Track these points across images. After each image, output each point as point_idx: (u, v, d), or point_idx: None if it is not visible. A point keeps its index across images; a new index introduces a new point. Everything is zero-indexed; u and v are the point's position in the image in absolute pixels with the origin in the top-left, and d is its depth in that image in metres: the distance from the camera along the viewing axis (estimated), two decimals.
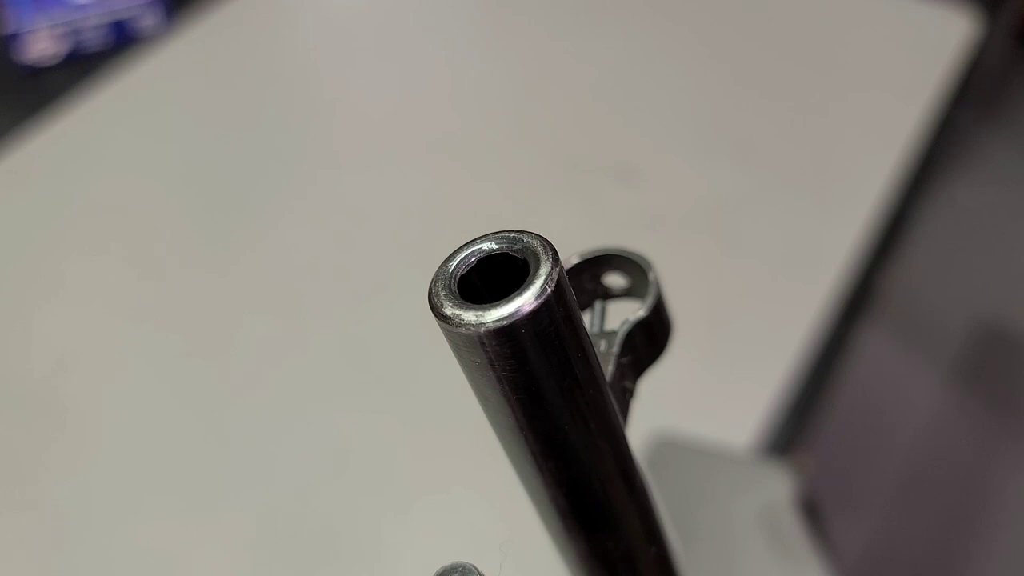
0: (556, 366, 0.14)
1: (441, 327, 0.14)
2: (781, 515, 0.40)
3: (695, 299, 0.53)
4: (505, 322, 0.13)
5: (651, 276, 0.19)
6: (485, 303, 0.14)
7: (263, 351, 0.53)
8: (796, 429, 0.48)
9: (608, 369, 0.18)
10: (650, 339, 0.19)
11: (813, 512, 0.42)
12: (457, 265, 0.14)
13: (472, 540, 0.44)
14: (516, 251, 0.14)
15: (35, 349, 0.53)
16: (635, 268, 0.19)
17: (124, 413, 0.50)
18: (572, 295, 0.15)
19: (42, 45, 0.70)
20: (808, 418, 0.49)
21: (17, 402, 0.51)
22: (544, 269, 0.14)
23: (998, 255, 1.32)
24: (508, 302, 0.13)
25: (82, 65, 0.70)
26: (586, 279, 0.20)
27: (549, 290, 0.13)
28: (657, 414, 0.46)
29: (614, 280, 0.20)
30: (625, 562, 0.19)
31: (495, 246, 0.14)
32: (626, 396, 0.19)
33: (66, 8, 0.70)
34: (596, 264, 0.20)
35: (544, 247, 0.14)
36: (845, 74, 0.69)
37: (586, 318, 0.20)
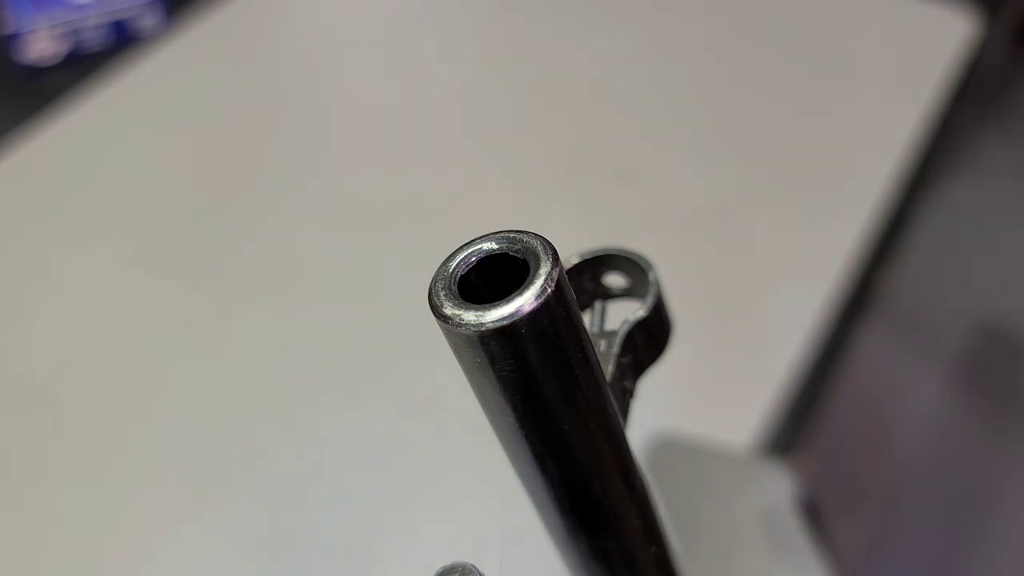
0: (556, 366, 0.14)
1: (441, 327, 0.14)
2: (781, 515, 0.40)
3: (695, 299, 0.53)
4: (505, 322, 0.13)
5: (651, 276, 0.19)
6: (485, 303, 0.14)
7: (263, 350, 0.53)
8: (796, 429, 0.48)
9: (608, 369, 0.18)
10: (650, 339, 0.19)
11: (813, 512, 0.42)
12: (457, 265, 0.14)
13: (472, 540, 0.44)
14: (516, 251, 0.14)
15: (35, 349, 0.53)
16: (635, 268, 0.19)
17: (124, 413, 0.50)
18: (572, 295, 0.15)
19: (42, 45, 0.70)
20: (808, 418, 0.49)
21: (17, 402, 0.51)
22: (544, 269, 0.14)
23: (998, 255, 1.32)
24: (508, 302, 0.13)
25: (82, 65, 0.70)
26: (586, 279, 0.20)
27: (549, 290, 0.13)
28: (657, 414, 0.46)
29: (614, 280, 0.20)
30: (625, 562, 0.19)
31: (495, 246, 0.14)
32: (626, 396, 0.19)
33: (66, 8, 0.70)
34: (596, 264, 0.20)
35: (544, 247, 0.14)
36: (845, 74, 0.69)
37: (586, 318, 0.20)
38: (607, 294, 0.20)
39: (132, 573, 0.44)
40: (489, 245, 0.15)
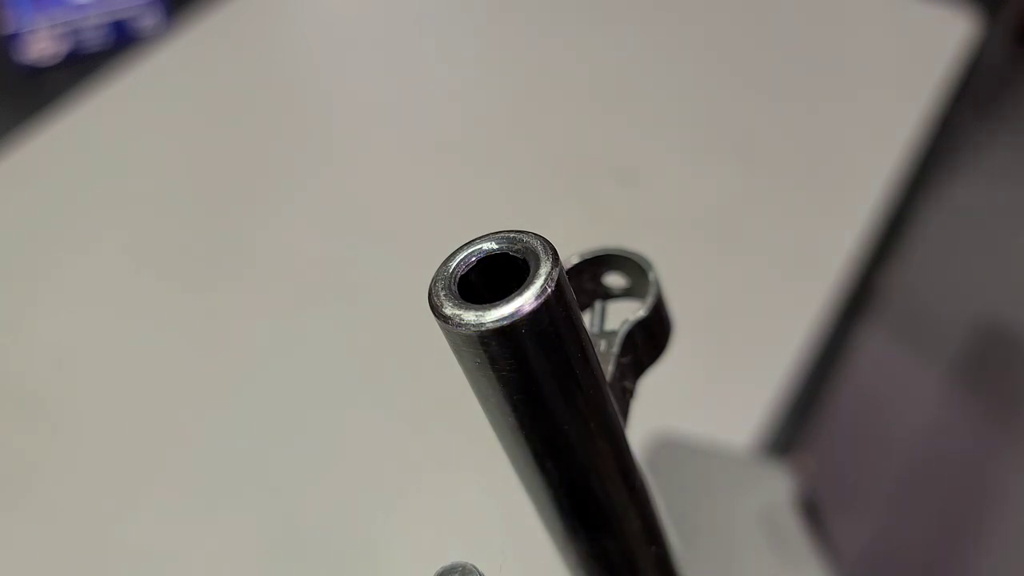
0: (556, 366, 0.14)
1: (441, 327, 0.14)
2: (781, 515, 0.40)
3: (695, 299, 0.53)
4: (505, 322, 0.13)
5: (651, 276, 0.19)
6: (485, 303, 0.14)
7: (263, 350, 0.53)
8: (796, 429, 0.48)
9: (608, 369, 0.18)
10: (650, 339, 0.19)
11: (813, 512, 0.42)
12: (457, 265, 0.14)
13: (472, 540, 0.44)
14: (516, 251, 0.14)
15: (34, 349, 0.53)
16: (635, 268, 0.19)
17: (124, 413, 0.50)
18: (572, 295, 0.15)
19: (42, 45, 0.70)
20: (808, 418, 0.49)
21: (17, 402, 0.51)
22: (544, 269, 0.14)
23: (998, 255, 1.32)
24: (508, 302, 0.13)
25: (82, 65, 0.70)
26: (586, 279, 0.20)
27: (549, 290, 0.13)
28: (657, 414, 0.46)
29: (614, 280, 0.20)
30: (625, 562, 0.19)
31: (495, 246, 0.14)
32: (626, 396, 0.19)
33: (66, 8, 0.70)
34: (596, 264, 0.20)
35: (544, 247, 0.14)
36: (845, 74, 0.69)
37: (586, 318, 0.20)
38: (607, 294, 0.20)
39: (132, 573, 0.44)
40: (489, 245, 0.15)
